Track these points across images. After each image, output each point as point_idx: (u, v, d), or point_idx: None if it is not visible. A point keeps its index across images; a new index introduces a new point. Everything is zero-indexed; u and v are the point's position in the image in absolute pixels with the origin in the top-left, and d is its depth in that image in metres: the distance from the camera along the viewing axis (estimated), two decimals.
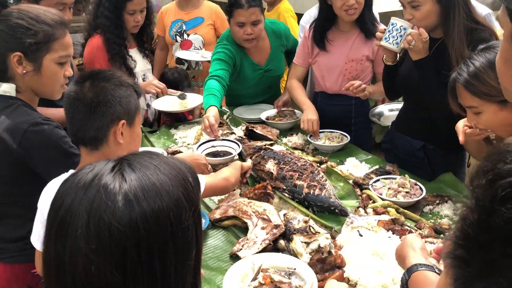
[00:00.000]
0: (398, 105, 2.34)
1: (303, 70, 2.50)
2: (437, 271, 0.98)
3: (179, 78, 2.94)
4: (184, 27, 3.22)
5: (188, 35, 3.22)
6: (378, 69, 2.33)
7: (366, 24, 2.26)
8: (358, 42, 2.31)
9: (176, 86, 2.79)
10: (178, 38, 3.22)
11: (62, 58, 1.45)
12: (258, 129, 2.34)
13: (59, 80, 1.47)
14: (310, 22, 2.44)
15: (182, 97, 2.59)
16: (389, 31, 1.82)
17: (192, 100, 2.63)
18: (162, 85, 2.47)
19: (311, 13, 2.70)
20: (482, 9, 2.17)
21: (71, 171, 1.23)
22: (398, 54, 1.95)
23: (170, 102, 2.60)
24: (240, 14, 2.36)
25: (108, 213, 0.64)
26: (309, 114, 2.27)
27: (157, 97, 2.64)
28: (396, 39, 1.81)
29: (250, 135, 2.33)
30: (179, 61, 3.25)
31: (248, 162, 1.86)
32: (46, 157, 1.41)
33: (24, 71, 1.40)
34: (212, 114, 2.09)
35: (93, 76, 1.25)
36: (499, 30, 1.61)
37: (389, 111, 2.40)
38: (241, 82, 2.64)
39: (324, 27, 2.33)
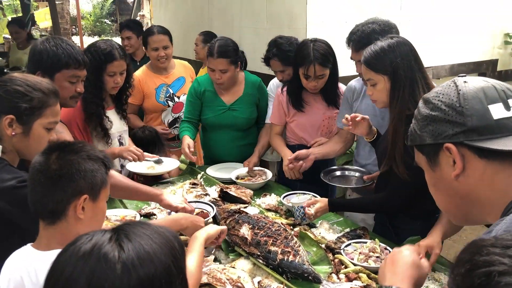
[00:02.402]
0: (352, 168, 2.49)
1: (281, 127, 2.74)
2: None
3: (150, 136, 2.92)
4: (171, 91, 3.26)
5: (178, 97, 3.28)
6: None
7: (328, 95, 2.58)
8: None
9: (147, 144, 2.79)
10: (169, 103, 3.26)
11: (50, 124, 1.55)
12: (232, 190, 2.37)
13: (44, 144, 1.50)
14: (274, 89, 2.85)
15: (158, 162, 2.62)
16: (295, 212, 2.15)
17: (169, 164, 2.67)
18: (139, 151, 2.43)
19: (274, 82, 2.99)
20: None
21: (29, 245, 1.22)
22: (373, 129, 2.13)
23: (146, 165, 2.62)
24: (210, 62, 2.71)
25: (109, 281, 0.69)
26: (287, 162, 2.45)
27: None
28: (302, 216, 2.11)
29: (225, 196, 2.35)
30: (172, 124, 3.31)
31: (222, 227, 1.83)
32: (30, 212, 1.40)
33: (13, 133, 1.48)
34: (187, 140, 2.68)
35: (61, 148, 1.22)
36: None
37: (340, 172, 2.49)
38: (204, 113, 2.88)
39: (298, 91, 2.59)
